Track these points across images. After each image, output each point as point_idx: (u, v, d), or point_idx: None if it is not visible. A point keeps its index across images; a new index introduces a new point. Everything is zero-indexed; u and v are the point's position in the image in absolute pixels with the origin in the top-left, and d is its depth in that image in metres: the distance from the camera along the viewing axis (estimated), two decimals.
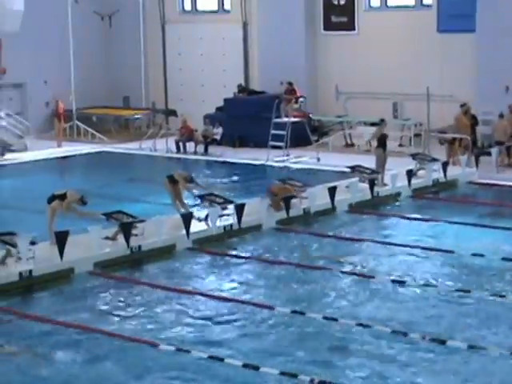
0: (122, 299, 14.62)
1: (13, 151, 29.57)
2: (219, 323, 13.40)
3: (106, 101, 34.26)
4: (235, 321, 13.50)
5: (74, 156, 29.05)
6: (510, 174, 23.97)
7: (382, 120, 22.87)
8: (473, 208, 20.91)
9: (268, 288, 15.20)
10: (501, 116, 25.38)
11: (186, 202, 19.32)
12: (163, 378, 11.49)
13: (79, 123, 32.12)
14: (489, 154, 24.35)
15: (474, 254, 16.51)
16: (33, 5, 31.18)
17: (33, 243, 15.60)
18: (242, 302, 14.27)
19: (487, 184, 23.22)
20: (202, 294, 14.75)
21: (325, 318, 13.38)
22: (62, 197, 16.55)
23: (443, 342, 12.33)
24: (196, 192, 19.53)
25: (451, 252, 16.79)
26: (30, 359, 12.12)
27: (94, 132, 31.90)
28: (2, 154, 28.84)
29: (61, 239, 15.63)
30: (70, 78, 32.11)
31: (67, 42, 31.94)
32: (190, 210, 18.83)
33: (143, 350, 12.32)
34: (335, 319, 13.31)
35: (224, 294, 14.75)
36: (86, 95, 32.92)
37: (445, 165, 22.88)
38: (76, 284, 15.51)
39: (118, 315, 13.87)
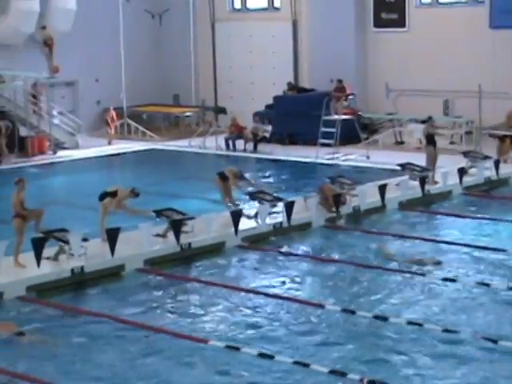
0: (171, 296, 14.71)
1: (65, 149, 29.92)
2: (268, 320, 13.40)
3: (156, 99, 34.48)
4: (284, 318, 13.49)
5: (124, 154, 29.28)
6: None
7: (430, 117, 22.67)
8: None
9: (318, 286, 15.17)
10: None
11: (235, 199, 19.36)
12: (213, 374, 11.52)
13: (130, 121, 32.36)
14: None
15: None
16: (85, 4, 31.55)
17: (85, 240, 15.75)
18: (292, 300, 14.26)
19: None
20: (251, 292, 14.76)
21: (375, 316, 13.31)
22: (114, 194, 16.69)
23: (495, 342, 12.19)
24: (245, 188, 19.56)
25: (503, 251, 16.58)
26: (70, 351, 12.25)
27: (144, 130, 32.12)
28: (54, 152, 29.18)
29: (112, 236, 15.76)
30: (121, 76, 32.37)
31: (118, 40, 32.20)
32: (240, 207, 18.86)
33: (193, 347, 12.36)
34: (386, 318, 13.23)
35: (273, 292, 14.74)
36: (136, 93, 33.16)
37: (497, 162, 22.63)
38: (126, 280, 15.63)
39: (168, 312, 13.95)
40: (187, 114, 33.84)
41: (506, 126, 25.08)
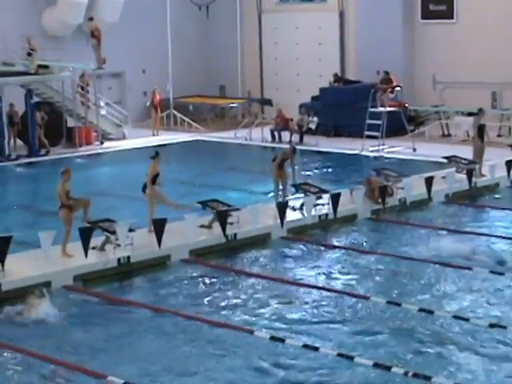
0: (216, 287, 14.76)
1: (111, 139, 30.17)
2: (313, 312, 13.40)
3: (202, 90, 34.60)
4: (329, 310, 13.47)
5: (170, 144, 29.41)
6: None
7: (480, 110, 22.46)
8: None
9: (363, 278, 15.11)
10: None
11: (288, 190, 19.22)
12: (258, 364, 11.55)
13: (175, 112, 32.51)
14: None
15: None
16: None
17: (131, 230, 15.86)
18: (337, 292, 14.25)
19: None
20: (296, 283, 14.77)
21: (421, 309, 13.24)
22: (153, 181, 16.71)
23: None
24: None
25: None
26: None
27: (190, 121, 32.25)
28: (101, 143, 29.43)
29: (159, 226, 15.86)
30: (167, 68, 32.51)
31: (165, 31, 32.34)
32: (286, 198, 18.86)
33: (238, 337, 12.41)
34: (431, 311, 13.16)
35: (318, 283, 14.74)
36: (182, 84, 33.30)
37: None
38: (172, 271, 15.71)
39: (214, 302, 14.00)
40: (233, 105, 33.90)
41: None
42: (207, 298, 14.21)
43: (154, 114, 31.70)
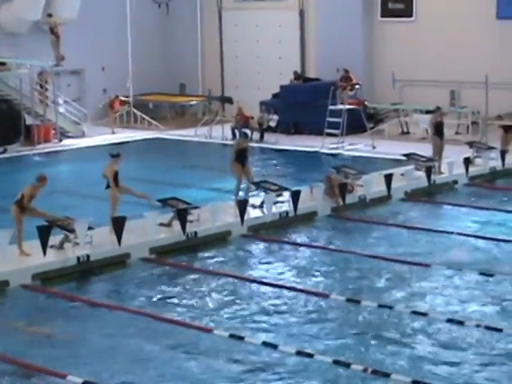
0: (176, 285, 14.72)
1: (70, 137, 29.94)
2: (272, 310, 13.41)
3: (162, 88, 34.44)
4: (289, 308, 13.50)
5: (129, 142, 29.26)
6: None
7: (438, 107, 22.65)
8: None
9: (323, 275, 15.16)
10: None
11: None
12: (217, 362, 11.53)
13: (135, 110, 32.35)
14: None
15: None
16: None
17: (90, 228, 15.76)
18: (296, 289, 14.27)
19: None
20: (255, 281, 14.78)
21: (380, 306, 13.31)
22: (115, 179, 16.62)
23: (500, 330, 12.20)
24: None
25: (509, 241, 16.57)
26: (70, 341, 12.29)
27: (150, 119, 32.12)
28: (60, 140, 29.20)
29: (118, 225, 15.77)
30: (127, 65, 32.34)
31: (125, 29, 32.15)
32: (245, 197, 18.87)
33: (198, 336, 12.39)
34: (390, 308, 13.24)
35: (278, 281, 14.75)
36: (142, 82, 33.12)
37: (503, 153, 22.61)
38: (132, 269, 15.65)
39: (173, 300, 13.96)
40: (193, 103, 33.82)
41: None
42: (167, 297, 14.16)
43: (110, 113, 31.54)
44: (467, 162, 21.77)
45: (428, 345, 11.93)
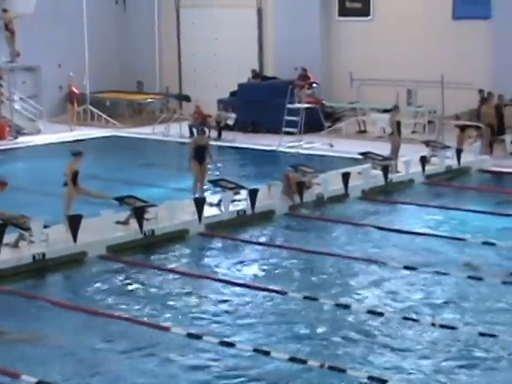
0: (133, 283, 14.64)
1: (25, 134, 29.65)
2: (230, 308, 13.40)
3: (119, 85, 34.24)
4: (246, 305, 13.50)
5: (86, 140, 29.04)
6: None
7: (396, 106, 22.81)
8: (485, 195, 20.85)
9: (280, 273, 15.19)
10: (484, 100, 25.20)
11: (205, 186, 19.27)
12: (174, 361, 11.49)
13: (92, 108, 32.13)
14: (502, 140, 24.44)
15: (485, 243, 16.43)
16: None
17: (46, 226, 15.62)
18: (255, 287, 14.27)
19: (500, 171, 23.15)
20: (213, 279, 14.76)
21: (337, 304, 13.37)
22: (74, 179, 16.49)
23: (454, 328, 12.31)
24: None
25: (463, 240, 16.74)
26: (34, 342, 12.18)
27: (107, 117, 31.92)
28: (15, 138, 28.90)
29: (74, 223, 15.65)
30: (84, 62, 32.09)
31: (82, 25, 31.89)
32: (203, 195, 18.84)
33: (155, 334, 12.33)
34: (347, 305, 13.30)
35: (236, 279, 14.74)
36: (99, 79, 32.90)
37: (458, 152, 22.83)
38: (89, 267, 15.53)
39: (130, 299, 13.89)
40: (150, 100, 33.67)
41: (467, 116, 25.33)
42: (124, 295, 14.09)
43: (71, 108, 31.29)
44: (423, 160, 21.96)
45: (383, 341, 11.99)
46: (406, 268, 15.07)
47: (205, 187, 19.38)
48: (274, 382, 10.93)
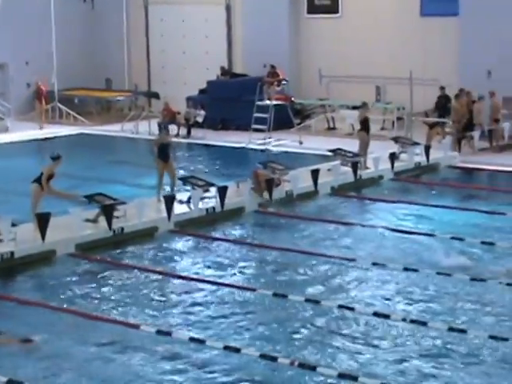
0: (103, 281, 14.60)
1: None
2: (200, 305, 13.40)
3: (88, 83, 34.05)
4: (216, 302, 13.50)
5: (54, 138, 28.87)
6: (489, 157, 24.06)
7: (365, 103, 22.89)
8: (453, 191, 21.00)
9: (249, 270, 15.21)
10: (456, 96, 25.38)
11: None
12: (143, 359, 11.47)
13: (60, 105, 31.93)
14: (471, 137, 24.62)
15: (454, 238, 16.56)
16: None
17: (14, 225, 15.52)
18: (224, 284, 14.27)
19: (468, 168, 23.33)
20: (183, 277, 14.74)
21: (307, 300, 13.40)
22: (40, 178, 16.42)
23: (424, 324, 12.39)
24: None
25: (432, 235, 16.84)
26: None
27: (76, 114, 31.74)
28: None
29: (42, 221, 15.56)
30: (51, 60, 31.88)
31: (49, 22, 31.68)
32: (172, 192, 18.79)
33: (125, 332, 12.29)
34: (317, 302, 13.33)
35: (205, 277, 14.73)
36: (67, 77, 32.68)
37: (427, 148, 22.96)
38: (58, 265, 15.46)
39: (99, 297, 13.85)
40: (119, 98, 33.54)
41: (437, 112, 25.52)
42: (93, 293, 14.04)
43: (39, 106, 31.08)
44: (393, 157, 22.06)
45: (353, 338, 12.05)
46: (375, 264, 15.14)
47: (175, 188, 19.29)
48: (243, 378, 10.94)
